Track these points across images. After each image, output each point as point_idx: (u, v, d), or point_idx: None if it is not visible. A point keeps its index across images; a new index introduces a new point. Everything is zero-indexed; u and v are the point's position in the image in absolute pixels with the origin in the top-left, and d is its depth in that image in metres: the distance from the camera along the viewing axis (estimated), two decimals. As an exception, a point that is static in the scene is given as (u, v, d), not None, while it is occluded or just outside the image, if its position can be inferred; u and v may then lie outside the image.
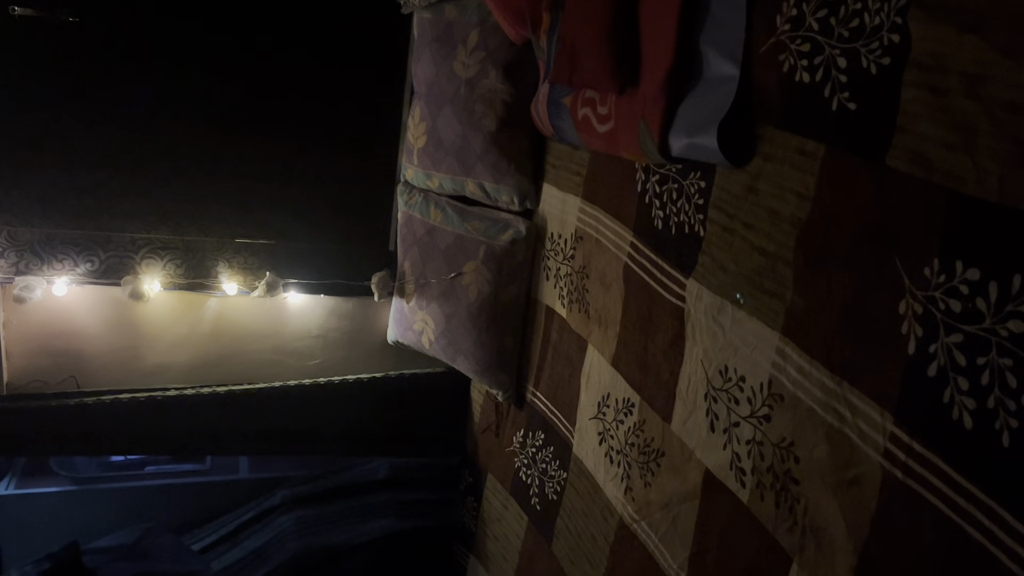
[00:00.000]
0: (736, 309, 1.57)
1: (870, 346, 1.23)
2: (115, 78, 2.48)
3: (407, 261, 2.80)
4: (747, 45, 1.53)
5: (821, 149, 1.36)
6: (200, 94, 2.59)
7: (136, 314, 2.69)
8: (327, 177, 2.81)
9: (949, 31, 1.09)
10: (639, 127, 1.76)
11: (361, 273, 2.84)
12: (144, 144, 2.55)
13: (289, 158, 2.75)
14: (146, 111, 2.54)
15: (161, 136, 2.57)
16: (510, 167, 2.49)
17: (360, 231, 2.92)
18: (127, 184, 2.55)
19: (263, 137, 2.70)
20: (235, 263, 2.72)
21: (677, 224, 1.79)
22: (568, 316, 2.33)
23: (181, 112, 2.58)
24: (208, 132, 2.62)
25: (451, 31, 2.52)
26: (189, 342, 2.77)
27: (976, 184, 1.06)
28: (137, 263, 2.60)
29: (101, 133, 2.49)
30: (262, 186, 2.73)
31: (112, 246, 2.57)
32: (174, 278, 2.66)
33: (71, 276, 2.53)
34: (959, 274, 1.07)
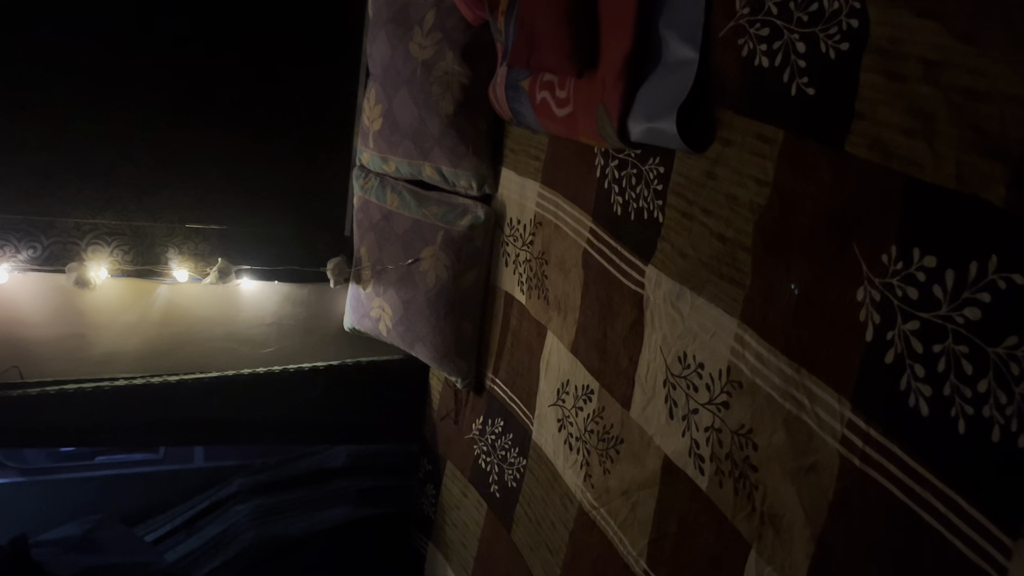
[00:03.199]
0: (695, 296, 1.56)
1: (828, 333, 1.23)
2: (56, 57, 2.38)
3: (363, 247, 2.75)
4: (706, 29, 1.52)
5: (780, 135, 1.35)
6: (148, 75, 2.50)
7: (83, 302, 2.60)
8: (281, 161, 2.75)
9: (907, 16, 1.08)
10: (598, 111, 1.74)
11: (316, 259, 2.79)
12: (88, 126, 2.46)
13: (241, 141, 2.67)
14: (90, 92, 2.44)
15: (106, 118, 2.47)
16: (468, 151, 2.45)
17: (315, 216, 2.87)
18: (70, 167, 2.45)
19: (214, 120, 2.62)
20: (186, 249, 2.65)
21: (636, 210, 1.77)
22: (527, 302, 2.31)
23: (128, 93, 2.49)
24: (156, 114, 2.54)
25: (407, 11, 2.47)
26: (138, 330, 2.69)
27: (934, 170, 1.05)
28: (83, 249, 2.52)
29: (42, 114, 2.40)
30: (213, 170, 2.65)
31: (55, 232, 2.48)
32: (122, 265, 2.58)
33: (12, 263, 2.44)
34: (916, 261, 1.07)
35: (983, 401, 0.98)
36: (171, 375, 2.63)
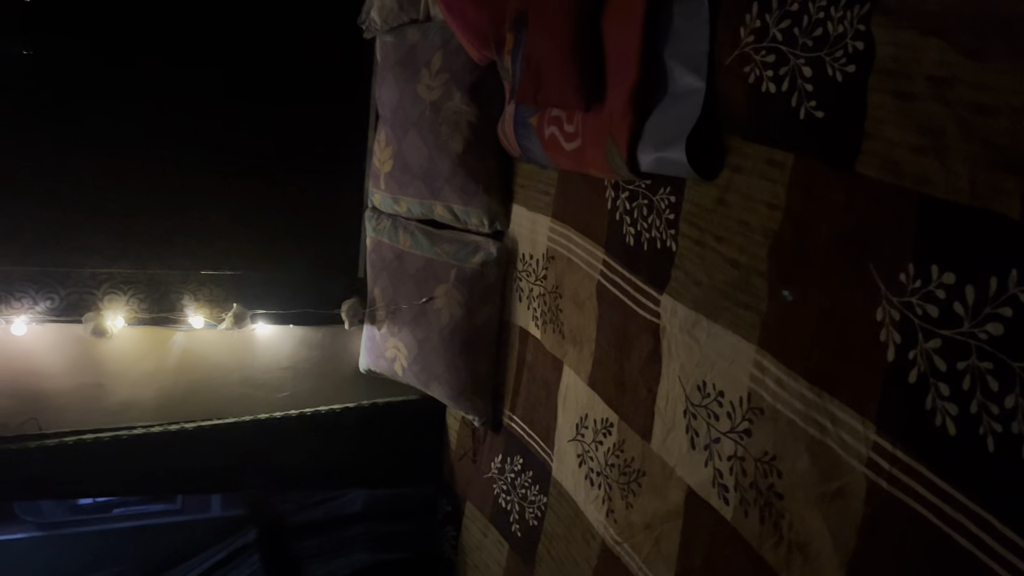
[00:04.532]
0: (711, 323, 1.55)
1: (848, 355, 1.22)
2: (72, 111, 2.43)
3: (377, 287, 2.76)
4: (711, 57, 1.53)
5: (790, 158, 1.35)
6: (159, 125, 2.55)
7: (99, 351, 2.61)
8: (293, 205, 2.77)
9: (912, 35, 1.09)
10: (606, 144, 1.75)
11: (330, 301, 2.80)
12: (103, 176, 2.50)
13: (254, 187, 2.71)
14: (103, 144, 2.49)
15: (120, 168, 2.52)
16: (478, 188, 2.47)
17: (328, 258, 2.88)
18: (86, 218, 2.49)
19: (226, 166, 2.66)
20: (201, 295, 2.67)
21: (649, 240, 1.77)
22: (542, 337, 2.31)
23: (140, 143, 2.53)
24: (169, 163, 2.58)
25: (414, 54, 2.51)
26: (155, 378, 2.70)
27: (947, 187, 1.05)
28: (99, 299, 2.54)
29: (58, 167, 2.44)
30: (227, 216, 2.68)
31: (72, 282, 2.50)
32: (138, 313, 2.59)
33: (30, 315, 2.46)
34: (935, 278, 1.06)
35: (1011, 417, 0.96)
36: (188, 422, 2.62)
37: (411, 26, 2.54)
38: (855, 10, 1.19)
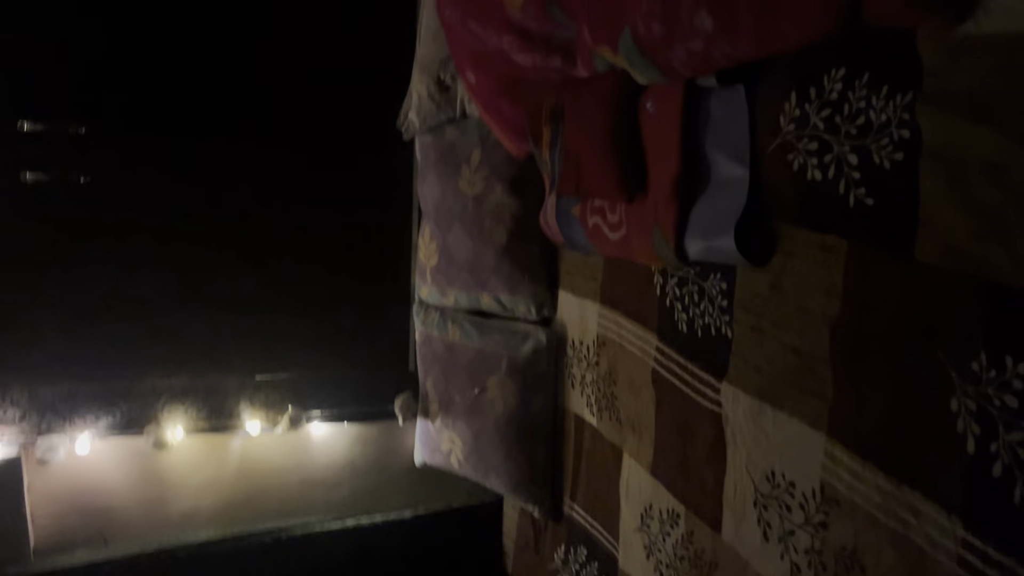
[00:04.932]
0: (776, 411, 1.52)
1: (925, 446, 1.18)
2: (127, 231, 2.53)
3: (429, 380, 2.77)
4: (753, 146, 1.54)
5: (843, 244, 1.34)
6: (210, 237, 2.63)
7: (160, 462, 2.65)
8: (342, 304, 2.82)
9: (961, 123, 1.09)
10: (653, 233, 1.76)
11: (383, 397, 2.82)
12: (160, 291, 2.58)
13: (303, 290, 2.77)
14: (159, 260, 2.57)
15: (176, 281, 2.60)
16: (524, 277, 2.49)
17: (379, 354, 2.91)
18: (146, 332, 2.56)
19: (275, 272, 2.73)
20: (256, 400, 2.70)
21: (703, 326, 1.76)
22: (599, 424, 2.28)
23: (194, 256, 2.62)
24: (221, 276, 2.66)
25: (454, 151, 2.56)
26: (216, 485, 2.72)
27: (1014, 273, 1.03)
28: (159, 410, 2.58)
29: (117, 286, 2.53)
30: (278, 320, 2.73)
31: (133, 396, 2.56)
32: (196, 422, 2.63)
33: (93, 431, 2.51)
34: (1011, 369, 1.03)
35: (1109, 513, 0.92)
36: (246, 533, 2.63)
37: (449, 124, 2.60)
38: (898, 99, 1.20)
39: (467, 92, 2.40)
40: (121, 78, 2.51)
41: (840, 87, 1.32)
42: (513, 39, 1.98)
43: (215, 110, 2.62)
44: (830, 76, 1.34)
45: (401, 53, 2.71)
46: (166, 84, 2.56)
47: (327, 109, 2.75)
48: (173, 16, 2.55)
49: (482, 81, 2.26)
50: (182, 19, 2.57)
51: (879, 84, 1.23)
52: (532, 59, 2.01)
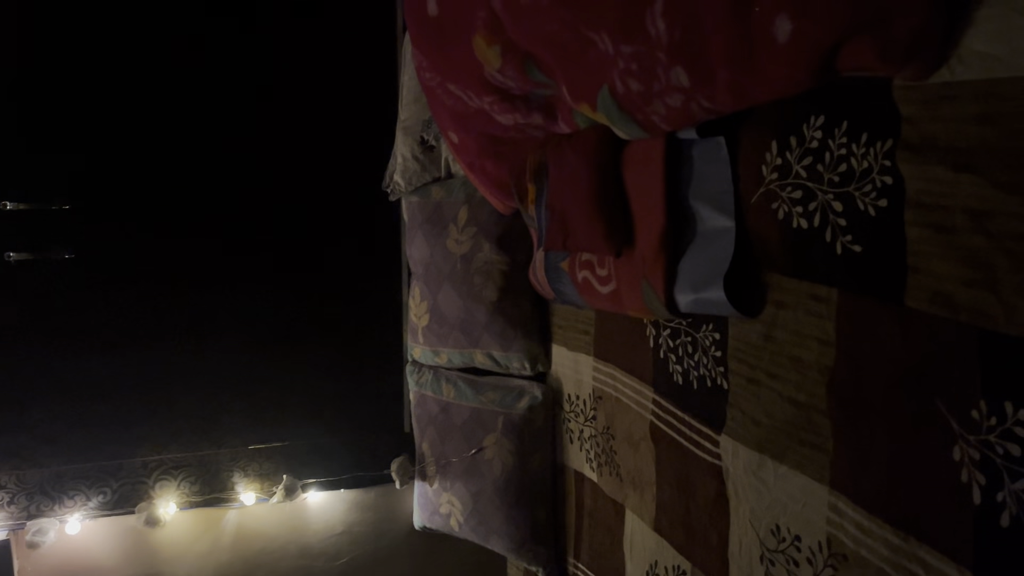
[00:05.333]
0: (777, 464, 1.49)
1: (930, 497, 1.16)
2: (112, 306, 2.51)
3: (425, 442, 2.73)
4: (737, 196, 1.54)
5: (834, 293, 1.33)
6: (197, 310, 2.62)
7: (154, 539, 2.59)
8: (334, 369, 2.79)
9: (943, 171, 1.08)
10: (642, 286, 1.75)
11: (380, 461, 2.78)
12: (148, 365, 2.55)
13: (294, 357, 2.74)
14: (146, 334, 2.55)
15: (163, 358, 2.57)
16: (516, 333, 2.47)
17: (373, 418, 2.87)
18: (134, 409, 2.53)
19: (265, 341, 2.71)
20: (250, 471, 2.66)
21: (698, 378, 1.74)
22: (599, 480, 2.24)
23: (180, 330, 2.59)
24: (210, 345, 2.63)
25: (440, 211, 2.56)
26: (211, 560, 2.66)
27: (1007, 321, 1.01)
28: (150, 487, 2.54)
29: (104, 362, 2.50)
30: (270, 389, 2.70)
31: (124, 473, 2.51)
32: (189, 497, 2.58)
33: (83, 511, 2.45)
34: (1011, 416, 1.01)
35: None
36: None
37: (434, 184, 2.61)
38: (878, 147, 1.20)
39: (451, 152, 2.41)
40: (106, 153, 2.52)
41: (820, 135, 1.32)
42: (494, 99, 1.99)
43: (201, 181, 2.62)
44: (809, 125, 1.34)
45: (383, 117, 2.73)
46: (151, 157, 2.57)
47: (312, 176, 2.75)
48: (158, 91, 2.57)
49: (465, 141, 2.27)
50: (167, 94, 2.58)
51: (858, 132, 1.23)
52: (513, 118, 2.02)
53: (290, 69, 2.72)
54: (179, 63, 2.59)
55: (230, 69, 2.64)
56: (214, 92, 2.63)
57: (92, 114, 2.49)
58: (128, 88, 2.53)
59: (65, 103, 2.46)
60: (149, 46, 2.55)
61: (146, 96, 2.56)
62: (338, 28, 2.77)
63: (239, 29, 2.66)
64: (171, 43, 2.58)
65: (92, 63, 2.48)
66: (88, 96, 2.49)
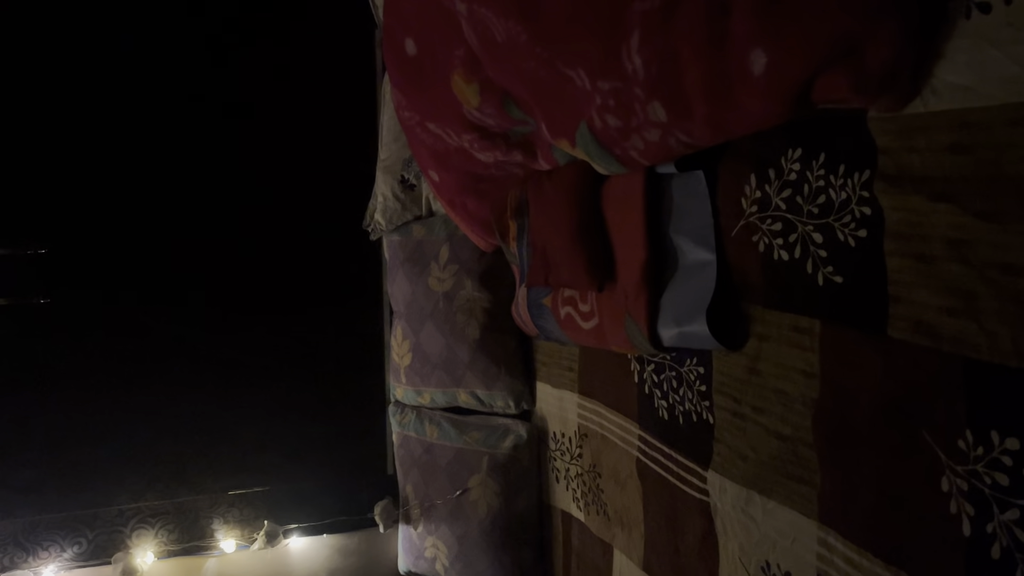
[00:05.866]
0: (765, 499, 1.47)
1: (920, 530, 1.14)
2: (88, 352, 2.47)
3: (409, 484, 2.69)
4: (717, 229, 1.54)
5: (816, 325, 1.32)
6: (175, 353, 2.58)
7: (130, 590, 2.51)
8: (315, 412, 2.75)
9: (920, 200, 1.08)
10: (625, 321, 1.74)
11: (363, 505, 2.72)
12: (124, 411, 2.50)
13: (273, 399, 2.70)
14: (122, 379, 2.51)
15: (140, 403, 2.53)
16: (500, 371, 2.45)
17: (356, 460, 2.83)
18: (110, 455, 2.48)
19: (244, 384, 2.66)
20: (230, 517, 2.60)
21: (683, 413, 1.72)
22: (587, 519, 2.21)
23: (157, 373, 2.55)
24: (188, 388, 2.59)
25: (422, 249, 2.55)
26: (190, 610, 2.59)
27: (990, 349, 1.01)
28: (127, 536, 2.47)
29: (79, 409, 2.45)
30: (249, 432, 2.66)
31: (100, 523, 2.45)
32: (168, 545, 2.52)
33: (58, 563, 2.39)
34: (998, 445, 1.00)
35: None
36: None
37: (415, 223, 2.60)
38: (855, 177, 1.20)
39: (432, 190, 2.41)
40: (83, 197, 2.50)
41: (798, 167, 1.32)
42: (473, 137, 2.00)
43: (179, 223, 2.61)
44: (787, 157, 1.35)
45: (363, 156, 2.73)
46: (129, 201, 2.55)
47: (292, 216, 2.75)
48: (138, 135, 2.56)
49: (445, 179, 2.27)
50: (147, 137, 2.58)
51: (836, 163, 1.24)
52: (493, 155, 2.02)
53: (270, 110, 2.73)
54: (157, 105, 2.58)
55: (207, 111, 2.64)
56: (189, 132, 2.62)
57: (68, 157, 2.48)
58: (106, 132, 2.52)
59: (39, 145, 2.45)
60: (130, 91, 2.55)
61: (125, 140, 2.55)
62: (317, 70, 2.78)
63: (219, 73, 2.67)
64: (150, 87, 2.57)
65: (67, 107, 2.48)
66: (63, 140, 2.47)
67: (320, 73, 2.78)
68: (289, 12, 2.75)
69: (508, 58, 1.66)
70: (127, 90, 2.55)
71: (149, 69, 2.57)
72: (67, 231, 2.48)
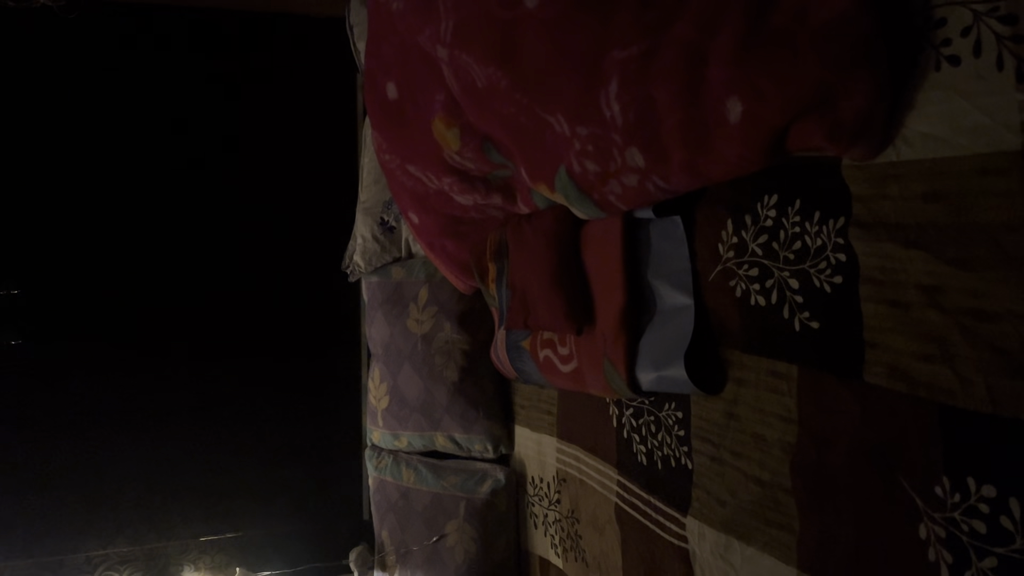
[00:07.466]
0: (744, 546, 1.46)
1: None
2: (58, 395, 2.44)
3: (384, 530, 2.64)
4: (695, 274, 1.55)
5: (793, 370, 1.32)
6: (146, 395, 2.55)
7: (96, 640, 2.45)
8: (290, 456, 2.72)
9: (893, 247, 1.10)
10: (603, 365, 1.73)
11: (338, 551, 2.68)
12: (93, 455, 2.46)
13: (248, 442, 2.67)
14: (91, 421, 2.47)
15: (109, 445, 2.49)
16: (478, 415, 2.43)
17: (331, 506, 2.79)
18: (78, 500, 2.42)
19: (218, 427, 2.64)
20: (202, 564, 2.54)
21: (662, 458, 1.71)
22: (564, 566, 2.18)
23: (127, 415, 2.51)
24: (158, 431, 2.56)
25: (401, 291, 2.55)
26: (157, 661, 2.51)
27: (965, 396, 1.01)
28: (94, 584, 2.41)
29: (46, 452, 2.41)
30: (222, 477, 2.62)
31: (66, 571, 2.39)
32: (136, 593, 2.46)
33: (22, 612, 2.32)
34: (974, 492, 1.00)
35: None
36: None
37: (394, 264, 2.60)
38: (830, 224, 1.21)
39: (411, 232, 2.42)
40: (57, 237, 2.48)
41: (774, 213, 1.34)
42: (453, 180, 2.01)
43: (153, 264, 2.59)
44: (763, 203, 1.36)
45: (343, 198, 2.74)
46: (103, 243, 2.53)
47: (269, 257, 2.74)
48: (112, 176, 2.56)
49: (425, 221, 2.27)
50: (122, 179, 2.57)
51: (811, 210, 1.26)
52: (473, 198, 2.03)
53: (250, 151, 2.73)
54: (134, 147, 2.58)
55: (185, 152, 2.65)
56: (167, 173, 2.62)
57: (40, 198, 2.47)
58: (79, 176, 2.52)
59: (10, 186, 2.43)
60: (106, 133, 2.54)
61: (99, 185, 2.54)
62: (298, 112, 2.80)
63: (200, 114, 2.67)
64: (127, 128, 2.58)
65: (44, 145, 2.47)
66: (36, 180, 2.46)
67: (301, 115, 2.79)
68: (272, 55, 2.77)
69: (488, 103, 1.68)
70: (104, 132, 2.55)
71: (126, 109, 2.57)
72: (39, 273, 2.45)
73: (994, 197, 0.96)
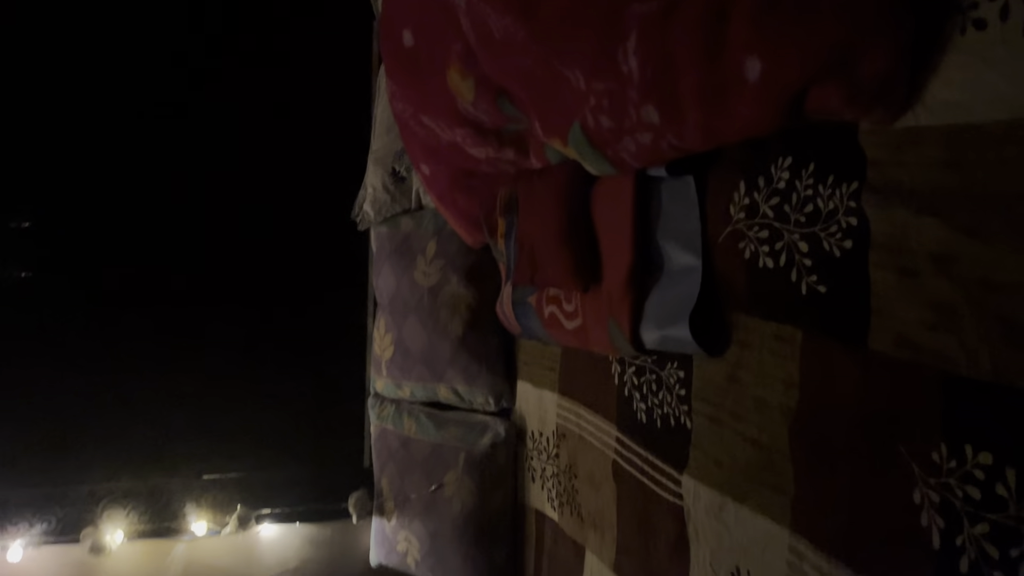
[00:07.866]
0: (738, 506, 1.48)
1: (891, 541, 1.14)
2: (66, 330, 2.46)
3: (384, 477, 2.68)
4: (704, 235, 1.54)
5: (798, 334, 1.33)
6: (154, 333, 2.57)
7: (99, 569, 2.49)
8: (294, 399, 2.74)
9: (906, 214, 1.09)
10: (608, 323, 1.74)
11: (337, 495, 2.71)
12: (99, 391, 2.48)
13: (253, 384, 2.69)
14: (99, 358, 2.49)
15: (117, 380, 2.51)
16: (482, 368, 2.45)
17: (333, 451, 2.82)
18: (84, 434, 2.46)
19: (224, 367, 2.65)
20: (203, 501, 2.58)
21: (662, 416, 1.72)
22: (560, 520, 2.21)
23: (136, 354, 2.54)
24: (166, 369, 2.58)
25: (409, 242, 2.55)
26: (158, 593, 2.57)
27: (968, 364, 1.01)
28: (98, 515, 2.45)
29: (54, 386, 2.43)
30: (227, 417, 2.65)
31: (70, 501, 2.43)
32: (138, 526, 2.50)
33: (26, 539, 2.36)
34: (971, 459, 1.01)
35: (1081, 611, 0.89)
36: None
37: (404, 216, 2.60)
38: (843, 188, 1.21)
39: (422, 184, 2.41)
40: (69, 171, 2.48)
41: (787, 176, 1.33)
42: (466, 132, 1.99)
43: (164, 203, 2.59)
44: (777, 165, 1.35)
45: (355, 146, 2.73)
46: (114, 176, 2.53)
47: (279, 203, 2.74)
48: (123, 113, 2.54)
49: (436, 173, 2.26)
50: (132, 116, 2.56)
51: (825, 173, 1.25)
52: (485, 152, 2.02)
53: (264, 97, 2.71)
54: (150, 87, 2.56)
55: (198, 95, 2.63)
56: (182, 115, 2.61)
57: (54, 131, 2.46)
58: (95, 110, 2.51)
59: (28, 116, 2.42)
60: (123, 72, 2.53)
61: (115, 119, 2.53)
62: (313, 57, 2.77)
63: (209, 54, 2.65)
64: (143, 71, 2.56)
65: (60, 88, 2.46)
66: (51, 115, 2.46)
67: (316, 61, 2.77)
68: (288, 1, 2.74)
69: (505, 55, 1.66)
70: (120, 71, 2.53)
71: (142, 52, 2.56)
72: (51, 205, 2.46)
73: (1012, 167, 0.95)
